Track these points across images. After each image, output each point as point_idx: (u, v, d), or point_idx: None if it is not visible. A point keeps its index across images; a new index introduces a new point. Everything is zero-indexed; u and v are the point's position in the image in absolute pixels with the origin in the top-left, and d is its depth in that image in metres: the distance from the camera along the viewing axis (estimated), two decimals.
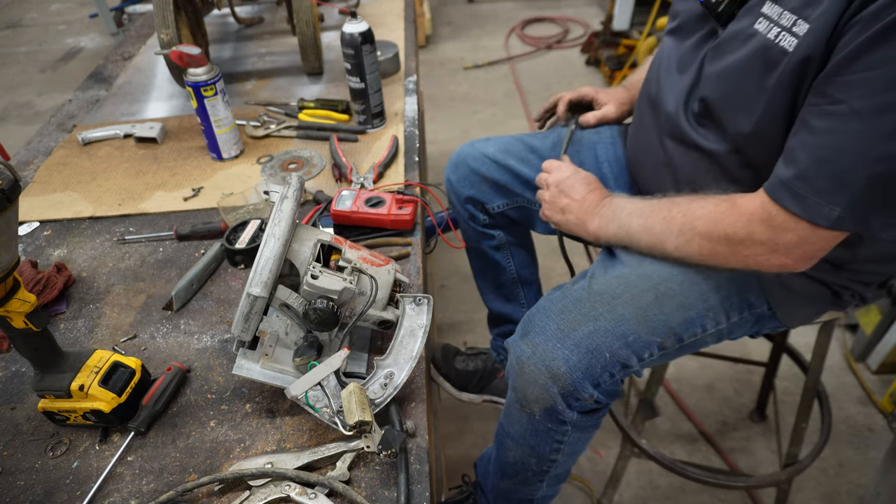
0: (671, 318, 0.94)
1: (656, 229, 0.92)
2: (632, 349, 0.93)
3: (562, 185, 1.06)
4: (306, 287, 0.76)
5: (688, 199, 0.91)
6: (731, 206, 0.85)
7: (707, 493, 1.63)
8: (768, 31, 0.80)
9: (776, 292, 0.97)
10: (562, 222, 1.06)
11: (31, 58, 4.22)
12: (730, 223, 0.84)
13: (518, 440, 1.03)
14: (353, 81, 1.28)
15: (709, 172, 0.94)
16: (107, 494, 0.73)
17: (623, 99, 1.29)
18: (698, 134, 0.94)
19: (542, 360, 0.93)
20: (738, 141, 0.88)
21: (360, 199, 1.06)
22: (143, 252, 1.09)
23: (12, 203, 0.62)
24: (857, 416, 1.78)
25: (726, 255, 0.86)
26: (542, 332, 0.95)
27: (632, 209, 0.96)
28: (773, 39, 0.79)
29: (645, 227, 0.93)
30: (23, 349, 0.77)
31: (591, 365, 0.92)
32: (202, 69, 1.20)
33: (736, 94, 0.86)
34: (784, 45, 0.77)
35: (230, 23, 1.95)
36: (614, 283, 0.97)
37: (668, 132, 1.00)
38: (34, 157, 1.37)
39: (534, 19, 4.24)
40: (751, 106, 0.83)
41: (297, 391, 0.73)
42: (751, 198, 0.84)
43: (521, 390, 0.97)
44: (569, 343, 0.93)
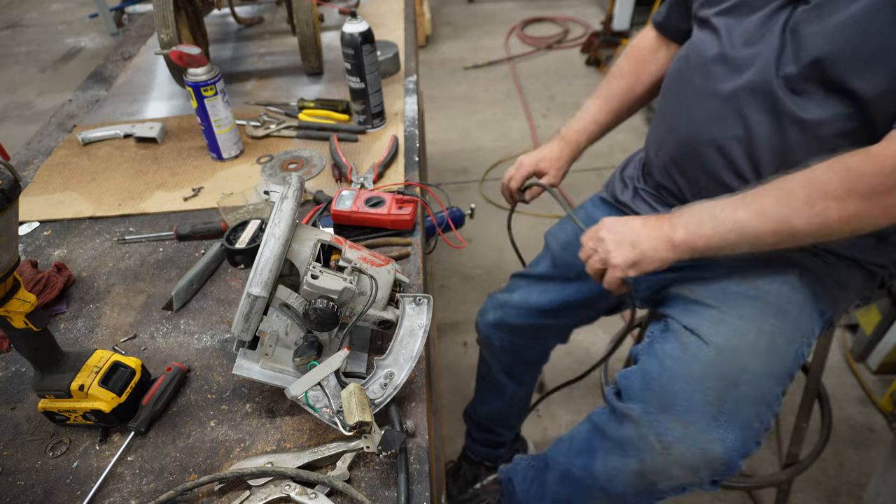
0: (785, 360, 0.90)
1: (773, 210, 0.81)
2: (770, 408, 0.87)
3: (614, 229, 0.94)
4: (306, 287, 0.76)
5: (793, 173, 0.81)
6: (866, 157, 0.76)
7: (706, 493, 1.62)
8: None
9: (836, 293, 0.96)
10: (636, 258, 0.91)
11: (31, 58, 4.22)
12: (872, 173, 0.75)
13: (612, 497, 0.99)
14: (353, 81, 1.28)
15: (806, 145, 0.86)
16: (107, 494, 0.73)
17: (558, 160, 1.23)
18: (795, 103, 0.85)
19: (696, 444, 0.85)
20: (860, 102, 0.81)
21: (361, 198, 1.06)
22: (143, 252, 1.09)
23: (12, 203, 0.62)
24: (857, 416, 1.78)
25: (870, 212, 0.77)
26: (690, 408, 0.86)
27: (723, 205, 0.86)
28: None
29: (757, 213, 0.82)
30: (23, 349, 0.77)
31: (746, 440, 0.86)
32: (202, 69, 1.20)
33: (864, 48, 0.77)
34: None
35: (230, 23, 1.95)
36: (731, 336, 0.90)
37: (752, 106, 0.89)
38: (34, 157, 1.37)
39: (534, 19, 4.25)
40: (885, 58, 0.77)
41: (297, 391, 0.73)
42: (885, 144, 0.76)
43: (658, 470, 0.89)
44: (723, 420, 0.85)
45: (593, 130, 1.22)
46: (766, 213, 0.82)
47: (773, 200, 0.82)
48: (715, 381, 0.87)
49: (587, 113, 1.23)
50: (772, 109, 0.87)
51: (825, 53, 0.80)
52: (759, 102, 0.88)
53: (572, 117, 1.25)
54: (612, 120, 1.23)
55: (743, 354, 0.88)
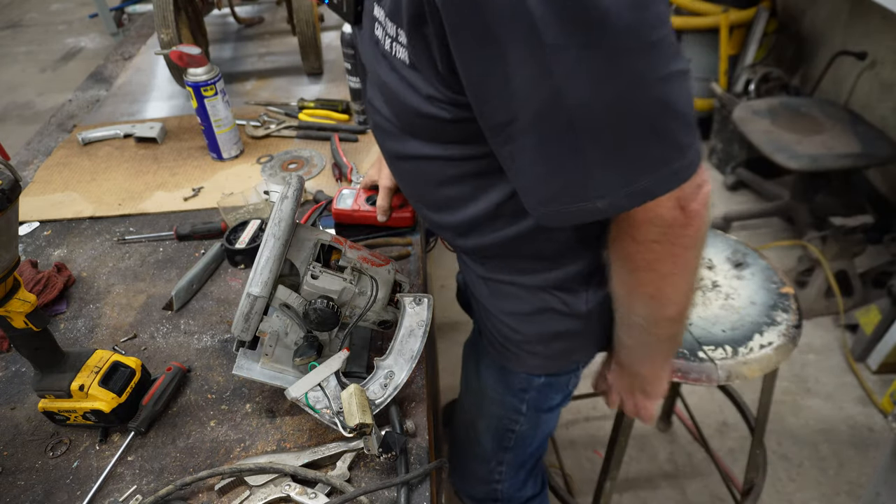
0: (491, 443, 1.08)
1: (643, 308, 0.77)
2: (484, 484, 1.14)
3: (634, 384, 0.93)
4: (306, 287, 0.76)
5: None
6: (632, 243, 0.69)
7: (705, 494, 1.63)
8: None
9: (527, 361, 0.97)
10: (652, 386, 0.93)
11: (31, 58, 4.22)
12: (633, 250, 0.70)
13: None
14: (353, 81, 1.28)
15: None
16: (107, 494, 0.73)
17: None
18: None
19: None
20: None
21: (361, 197, 1.06)
22: (143, 252, 1.09)
23: (12, 203, 0.62)
24: (857, 416, 1.78)
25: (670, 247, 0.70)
26: None
27: (620, 327, 0.85)
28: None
29: (649, 295, 0.76)
30: (23, 349, 0.77)
31: None
32: (202, 69, 1.20)
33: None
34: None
35: (230, 23, 1.95)
36: (460, 434, 1.14)
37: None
38: (34, 157, 1.37)
39: None
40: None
41: (297, 392, 0.73)
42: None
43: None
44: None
45: None
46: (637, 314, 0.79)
47: (635, 289, 0.76)
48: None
49: None
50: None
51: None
52: None
53: None
54: None
55: (466, 456, 1.13)
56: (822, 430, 1.75)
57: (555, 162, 0.60)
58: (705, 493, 1.63)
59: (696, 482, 1.66)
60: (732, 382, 1.04)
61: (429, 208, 0.85)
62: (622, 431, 1.16)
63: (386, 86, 0.70)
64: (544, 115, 0.56)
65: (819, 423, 1.77)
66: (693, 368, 1.03)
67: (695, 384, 1.04)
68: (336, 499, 0.68)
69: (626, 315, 0.81)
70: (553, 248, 0.80)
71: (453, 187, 0.78)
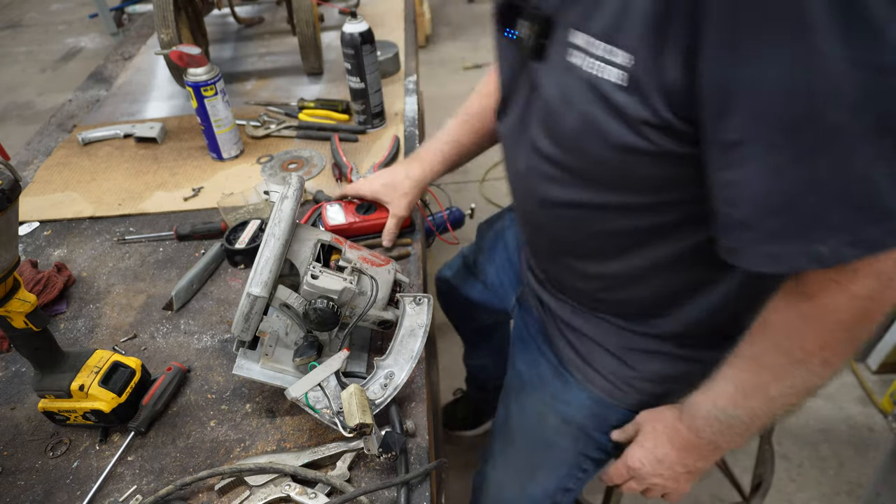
0: (550, 484, 0.98)
1: (782, 393, 0.71)
2: None
3: (657, 470, 0.84)
4: (306, 287, 0.76)
5: (755, 346, 0.71)
6: (800, 317, 0.65)
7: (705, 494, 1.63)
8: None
9: (631, 395, 0.95)
10: (701, 474, 0.86)
11: (31, 58, 4.22)
12: (816, 334, 0.65)
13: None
14: (353, 81, 1.28)
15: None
16: (107, 494, 0.73)
17: (401, 185, 1.03)
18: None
19: None
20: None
21: (349, 209, 1.05)
22: (143, 252, 1.09)
23: (12, 203, 0.62)
24: (857, 416, 1.78)
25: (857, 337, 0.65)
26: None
27: (729, 402, 0.74)
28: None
29: (769, 398, 0.72)
30: (23, 349, 0.77)
31: None
32: (202, 69, 1.20)
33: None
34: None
35: (230, 23, 1.95)
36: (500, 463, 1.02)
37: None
38: (34, 157, 1.37)
39: None
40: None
41: (297, 392, 0.73)
42: (780, 302, 0.67)
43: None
44: None
45: (449, 151, 1.07)
46: (776, 395, 0.71)
47: (773, 382, 0.70)
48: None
49: (445, 132, 1.09)
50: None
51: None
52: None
53: (432, 137, 1.11)
54: (475, 140, 1.08)
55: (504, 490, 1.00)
56: (822, 430, 1.75)
57: (789, 189, 0.55)
58: (706, 492, 1.63)
59: (698, 481, 1.66)
60: None
61: (574, 256, 0.85)
62: None
63: (574, 121, 0.66)
64: (800, 127, 0.52)
65: (819, 423, 1.77)
66: None
67: None
68: (336, 499, 0.68)
69: (752, 380, 0.72)
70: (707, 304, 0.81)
71: (616, 238, 0.77)
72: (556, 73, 0.69)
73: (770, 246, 0.59)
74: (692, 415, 0.79)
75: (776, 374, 0.69)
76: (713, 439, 0.78)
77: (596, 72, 0.62)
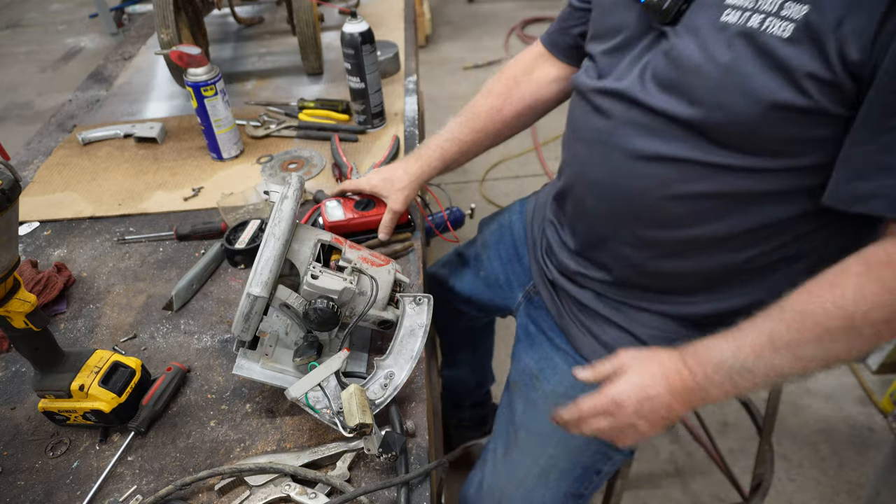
0: (561, 488, 0.92)
1: (817, 351, 0.70)
2: None
3: (641, 410, 0.77)
4: (306, 287, 0.76)
5: (818, 292, 0.70)
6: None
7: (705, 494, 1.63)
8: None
9: None
10: (673, 423, 0.81)
11: (31, 58, 4.22)
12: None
13: None
14: (353, 81, 1.28)
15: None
16: (107, 494, 0.73)
17: (400, 180, 1.04)
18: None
19: None
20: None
21: (348, 205, 1.05)
22: (143, 252, 1.09)
23: (12, 203, 0.62)
24: (857, 416, 1.78)
25: None
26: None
27: (750, 351, 0.72)
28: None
29: (799, 358, 0.71)
30: (23, 349, 0.77)
31: None
32: (202, 69, 1.20)
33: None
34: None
35: (230, 23, 1.95)
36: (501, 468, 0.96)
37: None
38: (34, 157, 1.37)
39: (534, 19, 4.24)
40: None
41: (297, 393, 0.73)
42: (859, 266, 0.68)
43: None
44: None
45: (449, 149, 1.09)
46: (809, 357, 0.70)
47: (813, 343, 0.69)
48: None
49: (446, 131, 1.11)
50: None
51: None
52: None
53: (433, 134, 1.13)
54: (476, 139, 1.10)
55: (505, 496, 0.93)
56: (822, 430, 1.75)
57: None
58: (706, 492, 1.63)
59: (698, 482, 1.66)
60: None
61: (645, 221, 0.85)
62: None
63: (717, 78, 0.70)
64: None
65: (819, 423, 1.77)
66: None
67: None
68: (336, 499, 0.68)
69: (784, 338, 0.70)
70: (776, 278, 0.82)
71: (710, 201, 0.79)
72: (698, 34, 0.73)
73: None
74: (702, 359, 0.75)
75: (820, 336, 0.68)
76: (711, 387, 0.74)
77: (758, 26, 0.67)
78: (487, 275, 1.23)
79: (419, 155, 1.08)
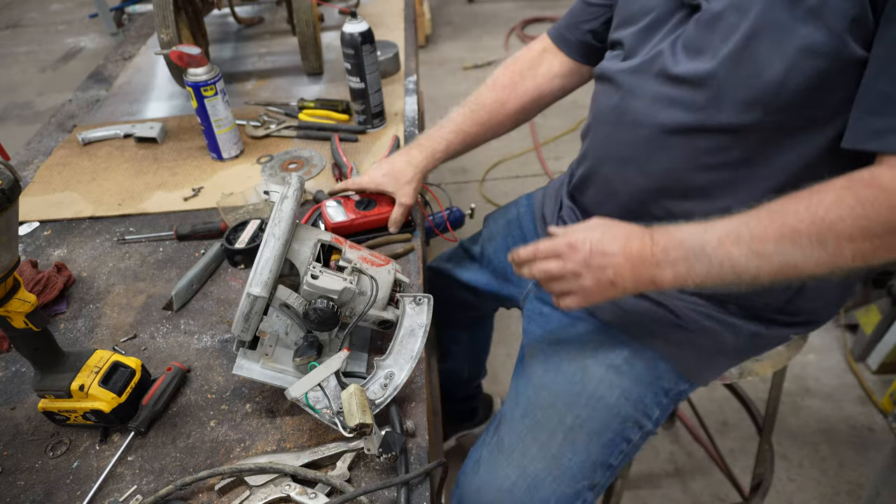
0: (590, 453, 0.86)
1: (777, 252, 0.71)
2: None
3: (592, 259, 0.77)
4: (306, 287, 0.76)
5: (795, 201, 0.72)
6: (879, 191, 0.67)
7: (705, 494, 1.63)
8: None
9: (687, 362, 0.93)
10: (617, 296, 0.79)
11: (31, 58, 4.22)
12: (889, 207, 0.67)
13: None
14: (353, 81, 1.28)
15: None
16: (107, 494, 0.73)
17: (404, 173, 1.04)
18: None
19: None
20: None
21: (349, 205, 1.05)
22: (143, 252, 1.09)
23: (12, 203, 0.62)
24: (857, 416, 1.78)
25: (886, 248, 0.69)
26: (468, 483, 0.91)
27: (716, 237, 0.74)
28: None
29: (758, 254, 0.72)
30: (23, 349, 0.77)
31: None
32: (202, 69, 1.20)
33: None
34: None
35: (230, 23, 1.95)
36: (520, 428, 0.89)
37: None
38: (34, 157, 1.37)
39: (534, 19, 4.24)
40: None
41: (297, 393, 0.73)
42: (886, 169, 0.69)
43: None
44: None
45: (453, 140, 1.09)
46: (769, 255, 0.72)
47: (774, 239, 0.71)
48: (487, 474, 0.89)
49: (450, 121, 1.11)
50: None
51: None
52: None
53: (434, 125, 1.13)
54: (479, 132, 1.11)
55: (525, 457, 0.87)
56: (822, 430, 1.75)
57: None
58: (706, 492, 1.63)
59: (698, 482, 1.66)
60: (745, 379, 1.04)
61: (676, 195, 0.87)
62: None
63: (747, 33, 0.73)
64: None
65: (819, 423, 1.77)
66: None
67: None
68: (336, 499, 0.68)
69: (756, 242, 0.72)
70: None
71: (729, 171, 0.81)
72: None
73: None
74: (667, 233, 0.76)
75: (784, 235, 0.70)
76: (665, 264, 0.75)
77: None
78: (495, 266, 1.22)
79: (422, 146, 1.08)
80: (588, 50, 1.08)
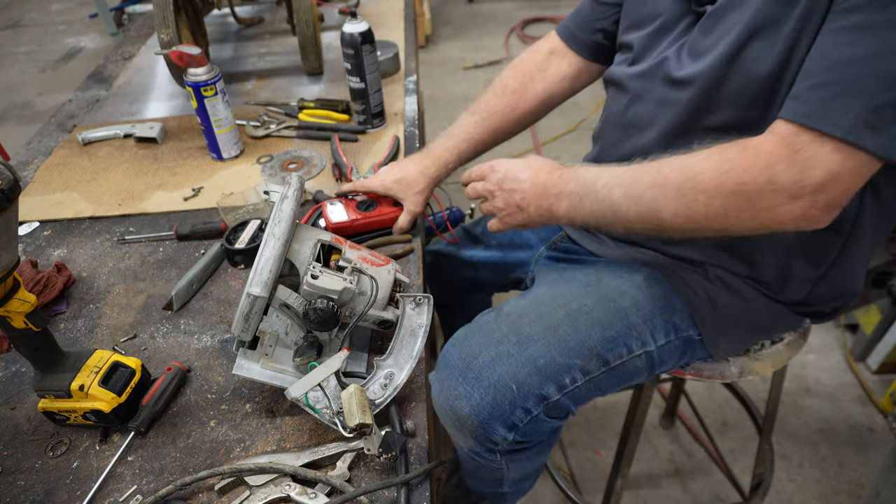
0: (589, 337, 0.86)
1: (646, 196, 0.77)
2: (545, 375, 0.83)
3: (504, 182, 0.89)
4: (306, 287, 0.76)
5: (679, 156, 0.77)
6: (742, 150, 0.72)
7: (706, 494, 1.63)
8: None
9: (704, 312, 0.92)
10: (525, 221, 0.89)
11: (31, 58, 4.22)
12: (744, 168, 0.70)
13: (466, 465, 1.01)
14: (353, 81, 1.28)
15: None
16: (107, 494, 0.73)
17: (417, 182, 1.05)
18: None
19: (446, 400, 0.86)
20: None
21: (350, 206, 1.05)
22: (143, 252, 1.09)
23: (12, 203, 0.62)
24: (857, 416, 1.78)
25: (739, 211, 0.72)
26: (446, 365, 0.87)
27: (607, 178, 0.81)
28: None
29: (630, 196, 0.78)
30: (23, 349, 0.77)
31: (497, 401, 0.82)
32: (202, 69, 1.20)
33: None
34: None
35: (230, 23, 1.95)
36: (523, 304, 0.89)
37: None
38: (34, 157, 1.37)
39: (534, 19, 4.24)
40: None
41: (297, 393, 0.73)
42: (764, 137, 0.72)
43: (443, 428, 0.94)
44: (469, 376, 0.83)
45: (465, 149, 1.10)
46: (639, 197, 0.78)
47: (647, 185, 0.77)
48: (475, 338, 0.87)
49: (461, 129, 1.11)
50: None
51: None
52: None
53: (444, 131, 1.13)
54: (490, 139, 1.12)
55: (521, 321, 0.86)
56: (822, 430, 1.75)
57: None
58: (706, 492, 1.63)
59: (698, 482, 1.66)
60: (745, 379, 1.03)
61: None
62: (633, 429, 1.16)
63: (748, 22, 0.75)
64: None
65: (819, 423, 1.77)
66: (706, 366, 1.01)
67: (708, 381, 1.03)
68: (336, 499, 0.68)
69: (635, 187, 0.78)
70: None
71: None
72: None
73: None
74: (572, 169, 0.86)
75: (655, 181, 0.77)
76: (563, 196, 0.84)
77: None
78: (499, 240, 1.22)
79: (435, 156, 1.09)
80: (599, 49, 1.09)
